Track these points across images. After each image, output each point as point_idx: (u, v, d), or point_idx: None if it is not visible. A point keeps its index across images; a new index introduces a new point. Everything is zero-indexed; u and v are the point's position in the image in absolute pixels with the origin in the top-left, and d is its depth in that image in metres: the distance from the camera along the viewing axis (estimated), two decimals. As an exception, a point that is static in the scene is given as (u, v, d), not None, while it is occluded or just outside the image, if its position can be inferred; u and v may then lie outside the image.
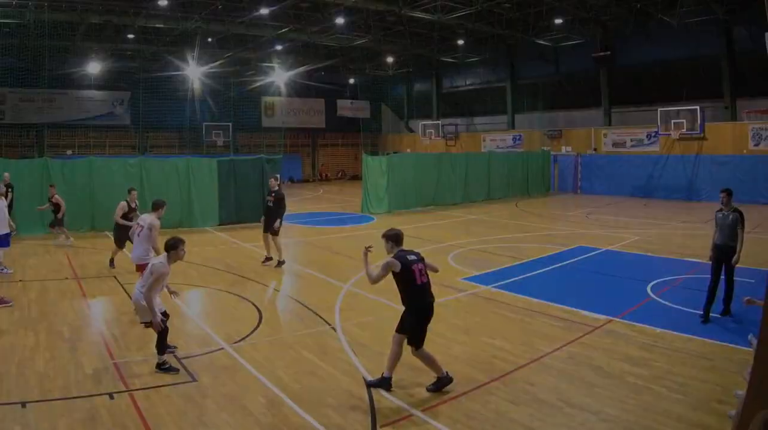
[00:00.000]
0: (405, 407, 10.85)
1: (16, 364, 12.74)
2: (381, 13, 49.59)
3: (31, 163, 32.16)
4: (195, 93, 63.72)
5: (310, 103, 77.39)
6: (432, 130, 69.40)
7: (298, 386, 11.83)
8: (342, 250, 27.09)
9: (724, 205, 15.71)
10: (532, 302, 17.75)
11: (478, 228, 33.35)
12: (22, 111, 62.10)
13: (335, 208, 44.60)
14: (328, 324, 15.83)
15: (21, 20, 45.55)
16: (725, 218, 15.60)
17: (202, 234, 31.48)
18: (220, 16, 49.04)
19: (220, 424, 10.29)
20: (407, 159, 45.24)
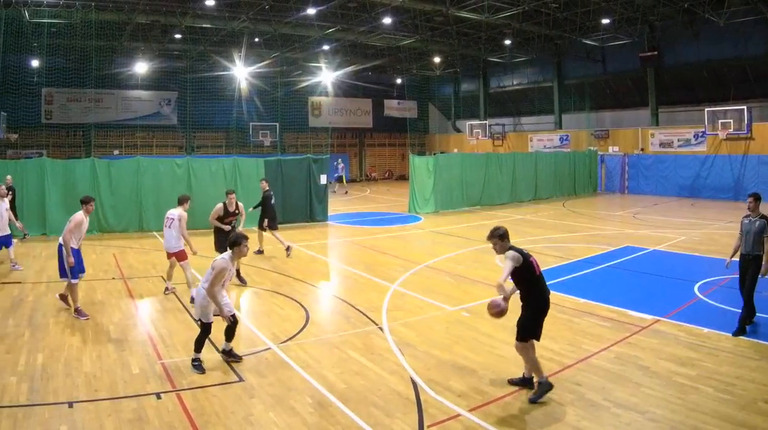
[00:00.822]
0: (452, 407, 10.75)
1: (63, 364, 12.80)
2: (428, 13, 49.50)
3: (82, 164, 32.25)
4: (242, 93, 64.02)
5: (357, 103, 77.28)
6: (479, 130, 69.10)
7: (345, 386, 11.79)
8: (389, 250, 26.94)
9: (752, 211, 14.95)
10: (579, 302, 17.70)
11: (526, 228, 33.21)
12: (69, 111, 62.53)
13: (382, 208, 44.46)
14: (375, 324, 15.80)
15: (68, 20, 45.95)
16: (751, 224, 14.82)
17: (249, 234, 31.12)
18: (267, 16, 49.01)
19: (267, 424, 10.29)
20: (454, 159, 44.96)
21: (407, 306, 17.56)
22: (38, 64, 58.16)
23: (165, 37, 57.14)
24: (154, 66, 62.20)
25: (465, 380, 11.88)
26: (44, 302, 17.97)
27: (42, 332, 14.96)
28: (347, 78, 67.13)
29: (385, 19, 48.07)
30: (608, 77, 58.84)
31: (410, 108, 78.93)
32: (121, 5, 45.19)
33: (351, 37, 54.80)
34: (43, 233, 30.40)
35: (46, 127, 60.90)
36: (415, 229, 33.74)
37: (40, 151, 58.06)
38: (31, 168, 31.00)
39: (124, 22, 48.73)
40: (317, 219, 35.27)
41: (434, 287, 19.71)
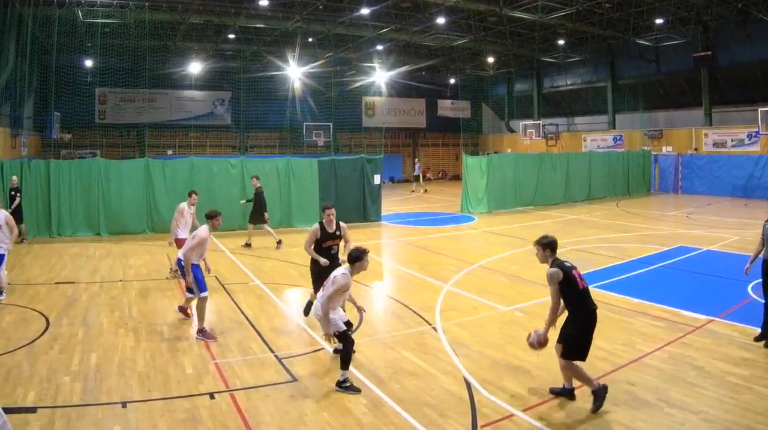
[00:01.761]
0: (505, 407, 10.78)
1: (117, 364, 12.96)
2: (482, 13, 49.50)
3: (136, 164, 32.58)
4: (295, 93, 64.14)
5: (410, 103, 77.21)
6: (532, 130, 68.79)
7: (399, 386, 11.85)
8: (442, 250, 26.95)
9: None
10: (633, 301, 17.63)
11: (579, 228, 33.19)
12: (123, 111, 63.24)
13: (436, 208, 44.44)
14: (428, 324, 15.81)
15: (121, 20, 46.42)
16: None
17: (302, 234, 30.89)
18: (321, 17, 49.27)
19: (321, 424, 10.35)
20: (507, 159, 44.85)
21: (461, 306, 17.57)
22: (92, 64, 58.83)
23: (219, 37, 57.37)
24: (208, 66, 62.75)
25: (518, 380, 11.90)
26: (98, 301, 18.18)
27: (95, 332, 15.17)
28: (401, 78, 66.99)
29: (439, 19, 48.06)
30: (662, 77, 58.46)
31: (464, 108, 78.79)
32: (174, 5, 45.67)
33: (404, 37, 54.80)
34: (97, 233, 30.71)
35: (99, 128, 61.67)
36: (469, 229, 33.71)
37: (94, 152, 58.76)
38: (86, 168, 31.24)
39: (177, 22, 49.22)
40: (371, 219, 35.34)
41: (488, 287, 19.73)
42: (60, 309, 17.10)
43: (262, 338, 14.78)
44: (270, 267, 23.19)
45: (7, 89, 42.97)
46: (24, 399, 11.06)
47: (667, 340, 14.18)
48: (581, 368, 10.94)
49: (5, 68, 41.12)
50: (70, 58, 54.11)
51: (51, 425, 10.08)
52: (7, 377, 12.07)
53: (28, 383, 11.81)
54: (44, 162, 31.29)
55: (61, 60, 52.18)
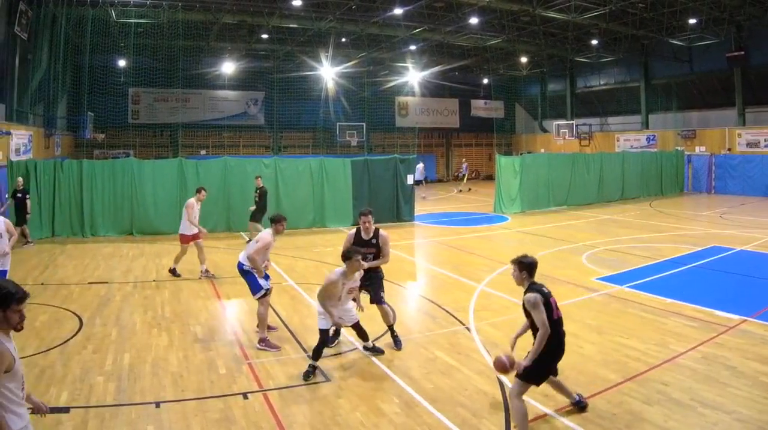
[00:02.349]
0: (539, 407, 10.80)
1: (150, 364, 13.05)
2: (515, 13, 49.44)
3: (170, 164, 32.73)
4: (329, 93, 64.21)
5: (444, 103, 76.96)
6: (566, 130, 68.64)
7: (432, 386, 11.85)
8: (476, 250, 26.94)
9: None
10: (666, 301, 17.56)
11: (612, 228, 33.07)
12: (157, 111, 63.51)
13: (469, 208, 44.37)
14: (461, 324, 15.84)
15: (155, 20, 46.62)
16: None
17: (336, 234, 31.50)
18: (354, 17, 49.26)
19: (354, 424, 10.37)
20: (540, 159, 44.86)
21: (494, 306, 17.59)
22: (125, 64, 59.07)
23: (252, 37, 57.62)
24: (241, 66, 62.91)
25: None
26: (131, 301, 18.29)
27: (129, 332, 15.26)
28: (434, 78, 66.86)
29: (472, 19, 47.94)
30: (695, 77, 58.12)
31: (497, 108, 78.54)
32: (208, 5, 45.79)
33: (438, 37, 54.77)
34: (130, 233, 30.87)
35: (132, 127, 61.74)
36: (502, 229, 33.65)
37: (127, 152, 59.07)
38: (119, 168, 31.41)
39: (210, 21, 49.37)
40: (404, 219, 35.31)
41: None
42: (93, 309, 17.20)
43: (295, 338, 14.83)
44: (303, 267, 23.22)
45: (41, 89, 43.19)
46: (57, 399, 11.11)
47: (701, 340, 14.12)
48: (522, 403, 9.95)
49: (39, 68, 41.35)
50: (103, 58, 54.31)
51: (84, 425, 10.18)
52: (40, 377, 12.16)
53: (62, 383, 11.89)
54: (77, 162, 31.44)
55: (95, 60, 52.53)
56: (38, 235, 29.61)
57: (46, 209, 30.25)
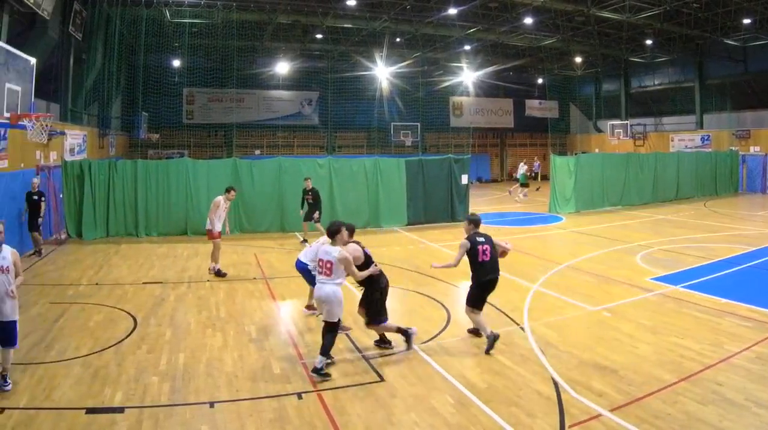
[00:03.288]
0: (593, 407, 10.77)
1: (205, 364, 13.19)
2: (569, 13, 49.32)
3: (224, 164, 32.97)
4: (383, 93, 64.24)
5: (498, 103, 76.59)
6: (620, 130, 68.03)
7: (486, 385, 11.89)
8: (530, 250, 26.84)
9: None
10: (721, 301, 17.47)
11: (667, 228, 32.87)
12: (211, 111, 63.93)
13: (523, 208, 44.18)
14: (516, 324, 15.89)
15: (209, 20, 47.07)
16: None
17: (390, 234, 31.77)
18: (409, 17, 49.44)
19: (408, 424, 10.41)
20: (595, 159, 44.71)
21: (548, 306, 17.62)
22: (179, 64, 59.55)
23: (306, 37, 57.97)
24: (296, 66, 63.23)
25: (606, 380, 11.91)
26: (185, 301, 18.51)
27: (183, 332, 15.43)
28: (488, 78, 66.52)
29: (527, 19, 47.95)
30: (750, 77, 57.41)
31: (551, 108, 78.07)
32: (262, 5, 46.26)
33: (492, 37, 54.76)
34: (184, 233, 31.07)
35: (187, 128, 62.38)
36: (556, 229, 33.69)
37: (182, 151, 59.61)
38: (173, 168, 31.69)
39: (265, 22, 49.95)
40: (458, 219, 34.53)
41: (575, 287, 19.78)
42: (148, 309, 17.38)
43: (349, 338, 14.86)
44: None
45: (95, 89, 43.61)
46: (111, 399, 11.29)
47: (755, 340, 14.07)
48: (479, 316, 14.29)
49: (93, 68, 41.68)
50: (157, 57, 54.77)
51: (138, 425, 10.31)
52: (95, 377, 12.32)
53: (116, 383, 12.05)
54: (132, 162, 31.76)
55: (149, 60, 52.78)
56: (93, 235, 30.00)
57: (101, 210, 30.53)
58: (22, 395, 11.26)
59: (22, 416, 10.45)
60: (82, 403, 11.04)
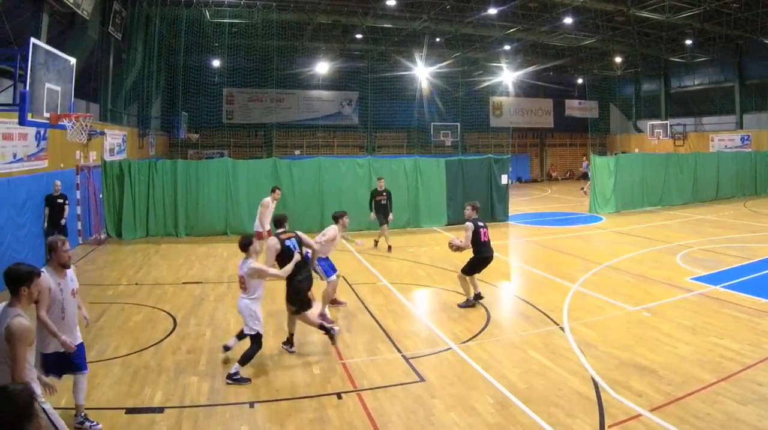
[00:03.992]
0: (633, 407, 10.74)
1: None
2: (609, 13, 49.16)
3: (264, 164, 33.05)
4: (423, 93, 64.20)
5: (538, 103, 76.47)
6: (660, 130, 67.43)
7: (526, 385, 11.89)
8: (570, 250, 26.95)
9: None
10: (761, 301, 17.41)
11: (707, 228, 32.65)
12: (251, 111, 64.34)
13: (563, 208, 44.24)
14: (555, 324, 15.91)
15: (249, 20, 47.26)
16: None
17: (430, 234, 31.81)
18: (448, 17, 49.41)
19: (448, 424, 10.42)
20: (635, 159, 44.45)
21: (588, 306, 17.61)
22: (219, 64, 60.20)
23: (346, 37, 58.15)
24: (335, 66, 63.33)
25: (645, 380, 11.90)
26: (225, 301, 18.57)
27: (223, 332, 15.48)
28: (528, 78, 66.26)
29: (566, 19, 47.87)
30: (790, 77, 57.22)
31: (591, 108, 77.74)
32: (302, 5, 46.44)
33: (532, 37, 54.65)
34: (224, 232, 31.23)
35: (227, 127, 62.73)
36: (596, 229, 33.58)
37: (222, 151, 59.91)
38: (213, 168, 31.89)
39: (305, 22, 50.10)
40: (498, 219, 35.20)
41: (615, 287, 19.74)
42: (187, 309, 17.56)
43: (389, 338, 14.96)
44: (397, 267, 23.36)
45: (135, 89, 43.97)
46: (151, 399, 11.44)
47: (796, 340, 13.97)
48: (467, 283, 17.58)
49: (133, 68, 42.03)
50: (197, 58, 55.18)
51: (178, 425, 10.45)
52: (134, 377, 12.47)
53: (156, 383, 12.19)
54: (171, 162, 31.95)
55: (189, 60, 53.22)
56: (132, 235, 30.24)
57: (141, 210, 30.75)
58: (62, 394, 11.16)
59: (62, 415, 10.11)
60: (121, 403, 11.23)
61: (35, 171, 23.25)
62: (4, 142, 20.54)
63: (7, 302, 7.84)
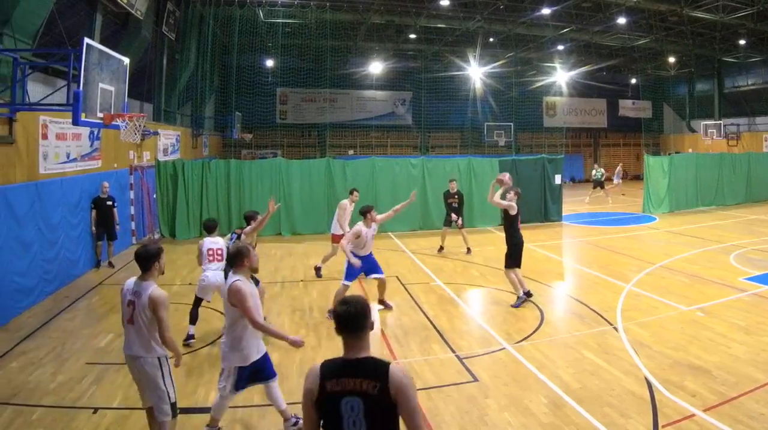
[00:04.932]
0: (687, 407, 10.81)
1: (298, 364, 13.42)
2: (662, 13, 48.90)
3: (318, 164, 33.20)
4: (476, 93, 64.17)
5: (591, 103, 76.14)
6: (713, 130, 66.98)
7: (580, 385, 11.99)
8: (623, 250, 26.91)
9: None
10: (815, 302, 17.29)
11: (761, 228, 32.50)
12: (304, 111, 64.73)
13: (617, 208, 43.88)
14: (609, 324, 15.98)
15: (302, 20, 47.73)
16: None
17: (483, 234, 31.82)
18: (502, 16, 49.37)
19: (501, 424, 10.52)
20: (688, 159, 44.19)
21: (642, 306, 17.63)
22: (272, 64, 60.50)
23: (399, 37, 58.25)
24: (389, 66, 63.31)
25: (699, 380, 11.98)
26: (279, 301, 18.93)
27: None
28: (581, 78, 66.20)
29: (620, 19, 47.70)
30: (844, 76, 56.73)
31: (645, 108, 77.01)
32: (355, 5, 46.61)
33: (585, 37, 54.48)
34: (278, 233, 31.40)
35: (280, 127, 63.21)
36: (650, 229, 33.44)
37: (275, 151, 60.40)
38: (267, 168, 32.15)
39: (358, 22, 50.26)
40: (552, 219, 35.36)
41: (669, 287, 19.77)
42: (241, 309, 17.63)
43: (443, 337, 15.09)
44: (451, 267, 23.40)
45: (189, 89, 44.46)
46: (205, 400, 11.67)
47: None
48: (514, 276, 17.85)
49: (186, 68, 42.52)
50: (250, 58, 55.74)
51: (232, 425, 10.67)
52: (188, 377, 12.80)
53: (209, 383, 12.40)
54: (225, 162, 32.26)
55: (242, 60, 53.97)
56: (186, 235, 30.58)
57: (194, 210, 31.08)
58: (115, 394, 11.68)
59: (116, 415, 10.85)
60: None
61: (88, 171, 23.58)
62: (58, 142, 20.79)
63: (138, 276, 9.07)
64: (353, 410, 5.39)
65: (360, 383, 5.40)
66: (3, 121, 16.93)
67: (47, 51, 21.37)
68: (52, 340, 15.10)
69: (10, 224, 16.98)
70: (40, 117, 19.36)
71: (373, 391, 5.36)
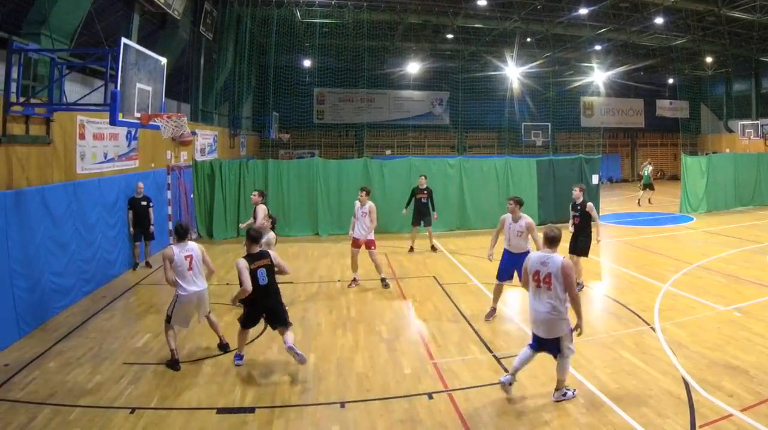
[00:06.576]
0: (724, 407, 10.82)
1: (335, 364, 13.54)
2: (700, 13, 48.78)
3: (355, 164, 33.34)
4: (513, 93, 63.98)
5: (628, 103, 75.78)
6: (751, 130, 66.14)
7: (617, 385, 12.05)
8: (661, 250, 26.90)
9: None
10: None
11: (798, 228, 32.20)
12: (341, 111, 65.23)
13: (654, 208, 43.74)
14: (646, 324, 15.99)
15: (340, 20, 47.81)
16: None
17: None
18: (539, 16, 49.39)
19: (539, 424, 10.62)
20: (726, 159, 44.04)
21: (679, 306, 17.65)
22: (310, 64, 60.97)
23: (437, 37, 58.38)
24: (426, 66, 63.38)
25: (737, 380, 12.00)
26: (316, 302, 19.07)
27: (313, 332, 15.87)
28: (619, 78, 65.78)
29: (657, 19, 47.55)
30: None
31: (682, 108, 76.66)
32: (393, 5, 46.77)
33: (622, 37, 54.21)
34: (315, 233, 31.62)
35: (318, 127, 63.54)
36: (687, 229, 33.42)
37: (312, 151, 60.85)
38: (305, 168, 32.34)
39: (395, 22, 50.45)
40: (589, 219, 35.10)
41: (706, 287, 19.76)
42: (278, 309, 17.83)
43: (480, 337, 15.22)
44: (488, 266, 22.75)
45: (226, 89, 44.83)
46: (242, 399, 11.82)
47: None
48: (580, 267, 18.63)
49: (224, 68, 42.81)
50: (288, 58, 56.20)
51: (269, 424, 10.78)
52: (226, 377, 12.92)
53: (247, 383, 12.60)
54: (263, 162, 32.36)
55: (279, 60, 54.35)
56: (223, 235, 30.83)
57: (231, 209, 31.20)
58: (152, 394, 11.87)
59: (153, 416, 11.02)
60: (212, 403, 11.64)
61: (126, 171, 23.79)
62: (95, 142, 20.97)
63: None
64: None
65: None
66: (40, 121, 17.13)
67: (85, 51, 21.57)
68: (89, 340, 15.33)
69: (47, 224, 17.19)
70: (77, 117, 19.54)
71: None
